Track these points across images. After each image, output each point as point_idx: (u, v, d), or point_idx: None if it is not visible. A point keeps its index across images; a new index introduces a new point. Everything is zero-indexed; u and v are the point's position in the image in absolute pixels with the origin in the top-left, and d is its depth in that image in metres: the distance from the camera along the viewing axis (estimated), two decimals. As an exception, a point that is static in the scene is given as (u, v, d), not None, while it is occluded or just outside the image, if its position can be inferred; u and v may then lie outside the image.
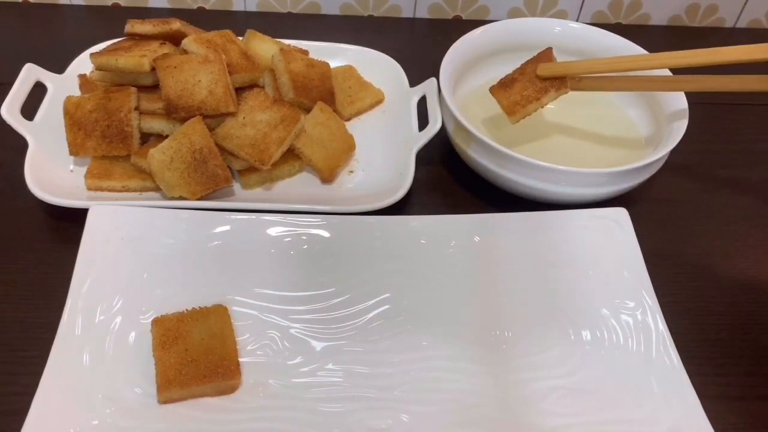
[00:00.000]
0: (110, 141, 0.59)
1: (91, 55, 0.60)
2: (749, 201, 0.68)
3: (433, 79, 0.67)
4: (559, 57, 0.73)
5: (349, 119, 0.70)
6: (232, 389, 0.48)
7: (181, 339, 0.48)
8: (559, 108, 0.71)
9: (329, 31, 0.86)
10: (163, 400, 0.46)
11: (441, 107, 0.64)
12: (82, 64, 0.67)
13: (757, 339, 0.55)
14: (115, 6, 0.87)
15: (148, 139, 0.62)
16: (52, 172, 0.60)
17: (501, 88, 0.64)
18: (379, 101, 0.72)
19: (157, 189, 0.59)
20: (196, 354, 0.48)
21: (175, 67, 0.59)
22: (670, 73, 0.66)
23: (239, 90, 0.63)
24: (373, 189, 0.62)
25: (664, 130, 0.64)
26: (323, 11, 0.89)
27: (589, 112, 0.71)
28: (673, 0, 0.90)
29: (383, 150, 0.66)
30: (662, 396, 0.48)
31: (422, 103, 0.67)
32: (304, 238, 0.55)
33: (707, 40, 0.92)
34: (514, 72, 0.65)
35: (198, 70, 0.59)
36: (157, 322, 0.49)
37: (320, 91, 0.66)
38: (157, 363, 0.47)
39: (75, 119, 0.59)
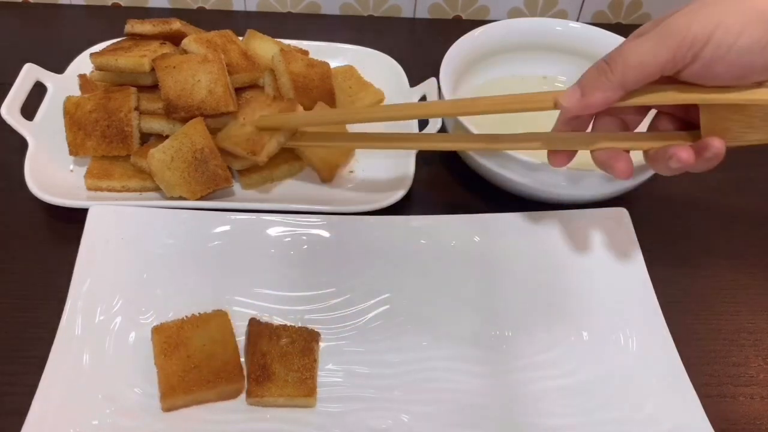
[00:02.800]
0: (110, 141, 0.59)
1: (91, 55, 0.60)
2: (749, 201, 0.68)
3: (433, 79, 0.67)
4: (560, 57, 0.73)
5: (349, 119, 0.70)
6: (236, 393, 0.47)
7: (183, 346, 0.48)
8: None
9: (329, 31, 0.86)
10: (167, 408, 0.46)
11: (441, 107, 0.64)
12: (82, 64, 0.67)
13: (758, 339, 0.55)
14: (115, 6, 0.87)
15: (148, 139, 0.62)
16: (52, 172, 0.60)
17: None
18: (379, 101, 0.72)
19: (157, 189, 0.59)
20: (198, 360, 0.47)
21: (174, 67, 0.58)
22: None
23: (239, 90, 0.63)
24: (373, 189, 0.62)
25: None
26: (323, 11, 0.89)
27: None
28: (674, 0, 0.90)
29: (383, 150, 0.66)
30: (662, 396, 0.48)
31: (422, 103, 0.67)
32: (304, 238, 0.55)
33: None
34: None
35: (197, 70, 0.59)
36: (157, 330, 0.49)
37: (320, 91, 0.66)
38: (159, 371, 0.47)
39: (75, 119, 0.59)
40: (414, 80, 0.71)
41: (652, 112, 0.50)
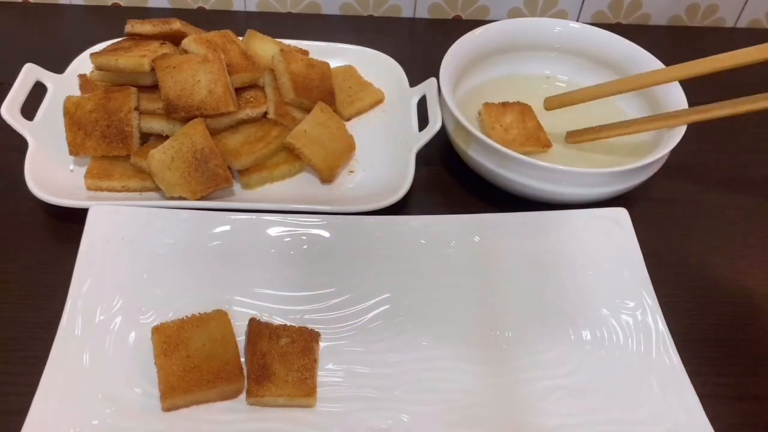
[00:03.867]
0: (110, 141, 0.59)
1: (91, 55, 0.60)
2: (749, 201, 0.68)
3: (433, 79, 0.67)
4: (560, 57, 0.74)
5: (349, 119, 0.70)
6: (236, 393, 0.47)
7: (183, 345, 0.48)
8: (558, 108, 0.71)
9: (329, 31, 0.86)
10: (167, 407, 0.46)
11: (441, 107, 0.64)
12: (82, 64, 0.67)
13: (757, 339, 0.55)
14: (115, 6, 0.87)
15: (147, 139, 0.62)
16: (52, 172, 0.60)
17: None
18: (379, 101, 0.72)
19: (157, 189, 0.59)
20: (198, 360, 0.47)
21: (174, 67, 0.58)
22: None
23: (239, 90, 0.63)
24: (373, 189, 0.62)
25: (664, 130, 0.64)
26: (323, 11, 0.89)
27: (589, 111, 0.71)
28: (673, 0, 0.90)
29: (383, 150, 0.66)
30: (662, 396, 0.48)
31: (422, 103, 0.67)
32: (304, 238, 0.55)
33: (707, 40, 0.92)
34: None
35: (197, 70, 0.59)
36: (157, 330, 0.49)
37: (320, 91, 0.66)
38: (159, 371, 0.47)
39: (75, 119, 0.59)
40: (414, 80, 0.71)
41: None
